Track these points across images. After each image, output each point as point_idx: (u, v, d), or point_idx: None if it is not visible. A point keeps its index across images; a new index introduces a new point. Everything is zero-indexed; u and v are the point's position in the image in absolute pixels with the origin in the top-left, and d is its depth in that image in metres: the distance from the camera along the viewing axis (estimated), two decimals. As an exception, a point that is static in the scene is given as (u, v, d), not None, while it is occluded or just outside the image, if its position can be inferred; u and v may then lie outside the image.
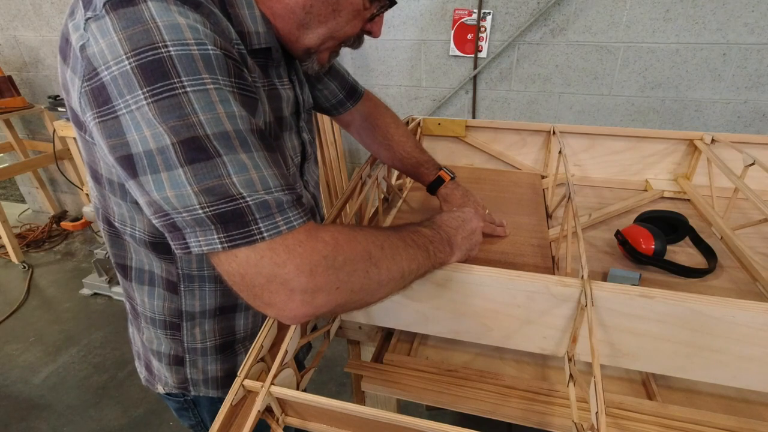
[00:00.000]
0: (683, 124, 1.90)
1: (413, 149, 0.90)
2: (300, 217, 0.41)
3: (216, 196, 0.38)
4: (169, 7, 0.39)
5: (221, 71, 0.41)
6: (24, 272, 2.54)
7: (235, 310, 0.68)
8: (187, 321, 0.66)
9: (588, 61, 1.87)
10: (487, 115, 2.12)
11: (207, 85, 0.39)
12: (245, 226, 0.39)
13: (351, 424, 0.47)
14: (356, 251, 0.43)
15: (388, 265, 0.46)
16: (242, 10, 0.50)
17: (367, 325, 0.73)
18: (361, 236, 0.45)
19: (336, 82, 0.82)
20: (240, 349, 0.72)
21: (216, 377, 0.71)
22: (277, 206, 0.40)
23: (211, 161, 0.38)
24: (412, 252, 0.50)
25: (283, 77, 0.61)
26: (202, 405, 0.76)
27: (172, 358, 0.69)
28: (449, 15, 1.92)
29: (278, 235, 0.39)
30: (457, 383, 0.66)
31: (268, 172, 0.41)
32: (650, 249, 0.81)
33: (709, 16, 1.67)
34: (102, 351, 1.96)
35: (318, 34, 0.55)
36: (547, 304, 0.57)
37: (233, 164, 0.39)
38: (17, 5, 2.50)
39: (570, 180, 0.84)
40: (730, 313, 0.51)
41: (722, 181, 1.00)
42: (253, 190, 0.39)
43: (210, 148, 0.39)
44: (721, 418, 0.59)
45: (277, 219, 0.40)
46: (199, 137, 0.38)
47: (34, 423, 1.63)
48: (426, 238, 0.54)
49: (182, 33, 0.39)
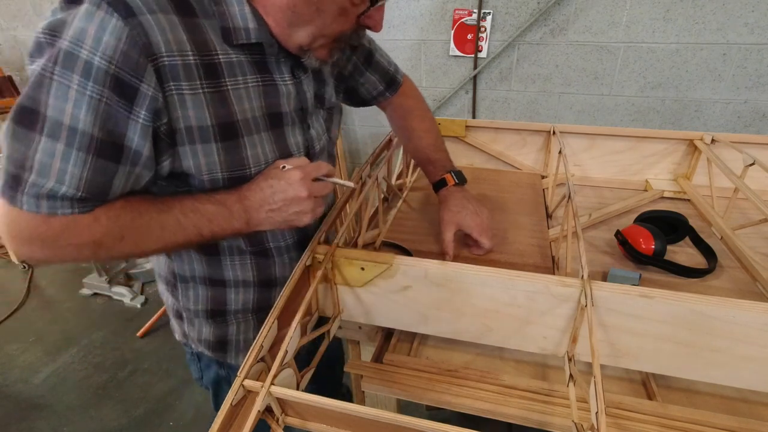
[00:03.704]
0: (683, 124, 1.90)
1: (428, 146, 0.91)
2: (58, 209, 0.48)
3: (19, 159, 0.46)
4: (95, 13, 0.45)
5: (95, 80, 0.46)
6: (24, 272, 2.54)
7: (224, 285, 0.71)
8: (180, 282, 0.71)
9: (588, 61, 1.87)
10: (487, 115, 2.12)
11: (72, 84, 0.45)
12: (15, 191, 0.47)
13: (351, 424, 0.47)
14: (84, 240, 0.51)
15: (122, 249, 0.54)
16: (230, 8, 0.53)
17: (367, 325, 0.73)
18: (106, 226, 0.51)
19: (377, 75, 0.86)
20: (231, 320, 0.74)
21: (209, 340, 0.75)
22: (47, 194, 0.47)
23: (31, 133, 0.46)
24: (170, 236, 0.56)
25: (284, 73, 0.62)
26: (203, 361, 0.81)
27: (174, 312, 0.77)
28: (449, 15, 1.92)
29: (26, 210, 0.48)
30: (457, 383, 0.66)
31: (73, 171, 0.47)
32: (650, 249, 0.81)
33: (709, 16, 1.67)
34: (102, 351, 1.96)
35: (307, 32, 0.57)
36: (547, 304, 0.57)
37: (47, 147, 0.46)
38: (17, 5, 2.50)
39: (570, 180, 0.84)
40: (730, 313, 0.51)
41: (722, 181, 1.00)
42: (42, 174, 0.46)
43: (38, 123, 0.46)
44: (721, 418, 0.59)
45: (40, 202, 0.48)
46: (38, 112, 0.46)
47: (34, 423, 1.63)
48: (205, 218, 0.57)
49: (83, 36, 0.45)
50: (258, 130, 0.60)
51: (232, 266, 0.69)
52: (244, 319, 0.74)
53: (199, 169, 0.56)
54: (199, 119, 0.53)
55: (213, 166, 0.57)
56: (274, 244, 0.70)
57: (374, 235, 0.87)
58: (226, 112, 0.55)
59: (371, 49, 0.84)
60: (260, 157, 0.60)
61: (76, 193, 0.48)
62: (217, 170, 0.57)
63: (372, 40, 0.85)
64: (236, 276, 0.70)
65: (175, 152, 0.54)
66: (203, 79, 0.53)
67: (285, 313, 0.54)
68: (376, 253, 0.63)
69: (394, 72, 0.89)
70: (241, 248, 0.68)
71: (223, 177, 0.58)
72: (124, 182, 0.52)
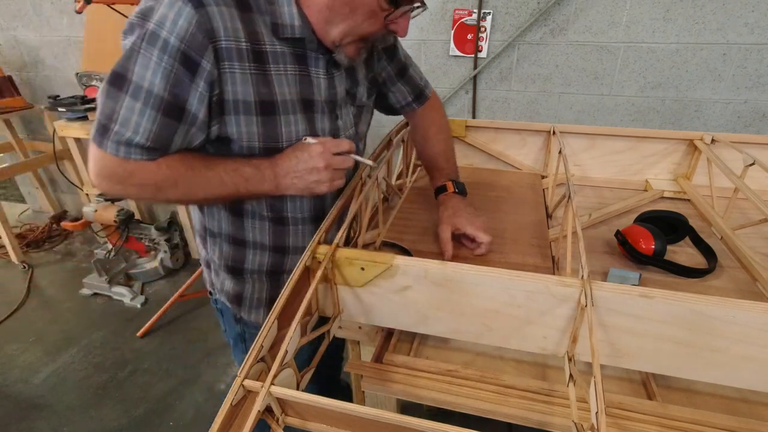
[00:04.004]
0: (683, 124, 1.90)
1: (439, 154, 0.97)
2: (132, 155, 0.61)
3: (108, 112, 0.59)
4: (175, 3, 0.57)
5: (169, 55, 0.58)
6: (24, 272, 2.54)
7: (244, 245, 0.81)
8: (209, 236, 0.83)
9: (588, 61, 1.87)
10: (487, 115, 2.12)
11: (152, 57, 0.58)
12: (103, 137, 0.60)
13: (351, 424, 0.47)
14: (149, 183, 0.64)
15: (175, 194, 0.67)
16: (281, 7, 0.65)
17: (367, 325, 0.73)
18: (165, 173, 0.64)
19: (408, 87, 0.95)
20: (248, 279, 0.84)
21: (228, 292, 0.86)
22: (125, 141, 0.60)
23: (120, 93, 0.59)
24: (213, 189, 0.67)
25: (320, 68, 0.72)
26: (226, 316, 0.91)
27: (205, 262, 0.90)
28: (449, 15, 1.92)
29: (110, 153, 0.61)
30: (457, 383, 0.66)
31: (145, 124, 0.59)
32: (650, 249, 0.81)
33: (709, 16, 1.67)
34: (102, 351, 1.96)
35: (339, 30, 0.66)
36: (547, 304, 0.57)
37: (129, 104, 0.59)
38: (17, 5, 2.50)
39: (570, 180, 0.84)
40: (730, 313, 0.51)
41: (722, 181, 1.00)
42: (124, 125, 0.59)
43: (125, 85, 0.58)
44: (721, 418, 0.59)
45: (119, 147, 0.60)
46: (125, 77, 0.58)
47: (34, 423, 1.63)
48: (242, 178, 0.68)
49: (165, 20, 0.57)
50: (293, 112, 0.70)
51: (252, 229, 0.79)
52: (259, 280, 0.84)
53: (240, 136, 0.67)
54: (244, 94, 0.64)
55: (252, 136, 0.67)
56: (291, 214, 0.79)
57: (374, 235, 0.87)
58: (267, 92, 0.66)
59: (406, 63, 0.94)
60: (292, 135, 0.70)
61: (146, 142, 0.60)
62: (255, 140, 0.68)
63: (408, 57, 0.95)
64: (255, 238, 0.80)
65: (222, 120, 0.66)
66: (251, 62, 0.63)
67: (285, 313, 0.54)
68: (376, 253, 0.63)
69: (424, 86, 0.98)
70: (262, 214, 0.78)
71: (259, 147, 0.69)
72: (182, 139, 0.64)
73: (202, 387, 1.76)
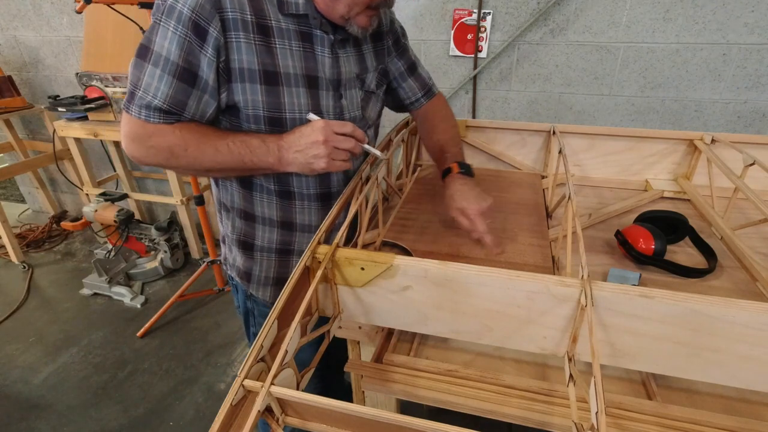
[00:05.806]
0: (683, 124, 1.90)
1: (446, 141, 0.99)
2: (151, 117, 0.69)
3: (134, 80, 0.68)
4: None
5: (183, 24, 0.65)
6: (24, 272, 2.54)
7: (254, 220, 0.87)
8: (223, 210, 0.90)
9: (588, 61, 1.87)
10: (487, 115, 2.12)
11: (169, 27, 0.66)
12: (130, 103, 0.69)
13: (351, 424, 0.47)
14: (163, 146, 0.70)
15: (186, 159, 0.72)
16: None
17: (367, 325, 0.73)
18: (178, 137, 0.70)
19: (417, 84, 1.00)
20: (257, 256, 0.90)
21: (239, 268, 0.92)
22: (146, 105, 0.68)
23: (144, 62, 0.67)
24: (220, 157, 0.72)
25: (325, 47, 0.76)
26: (240, 293, 0.97)
27: (222, 236, 0.96)
28: (449, 15, 1.92)
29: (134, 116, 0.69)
30: (457, 383, 0.66)
31: (163, 89, 0.67)
32: (650, 249, 0.81)
33: (709, 16, 1.67)
34: (102, 351, 1.96)
35: (344, 3, 0.70)
36: (547, 304, 0.57)
37: (150, 71, 0.67)
38: (17, 5, 2.50)
39: (570, 180, 0.84)
40: (730, 313, 0.51)
41: (722, 181, 1.00)
42: (146, 90, 0.67)
43: (148, 55, 0.67)
44: (720, 418, 0.59)
45: (141, 110, 0.69)
46: (148, 47, 0.67)
47: (34, 423, 1.63)
48: (248, 149, 0.73)
49: None
50: (296, 85, 0.75)
51: (260, 202, 0.85)
52: (267, 258, 0.89)
53: (246, 104, 0.73)
54: (249, 63, 0.70)
55: (256, 104, 0.73)
56: (297, 189, 0.84)
57: (374, 235, 0.87)
58: (270, 62, 0.72)
59: (415, 61, 1.00)
60: (294, 106, 0.75)
61: (163, 105, 0.68)
62: (259, 107, 0.73)
63: (417, 57, 1.01)
64: (263, 213, 0.86)
65: (229, 88, 0.72)
66: (256, 33, 0.70)
67: (285, 313, 0.54)
68: (376, 253, 0.63)
69: (432, 84, 1.04)
70: (269, 188, 0.83)
71: (264, 115, 0.74)
72: (196, 104, 0.70)
73: (202, 387, 1.76)
